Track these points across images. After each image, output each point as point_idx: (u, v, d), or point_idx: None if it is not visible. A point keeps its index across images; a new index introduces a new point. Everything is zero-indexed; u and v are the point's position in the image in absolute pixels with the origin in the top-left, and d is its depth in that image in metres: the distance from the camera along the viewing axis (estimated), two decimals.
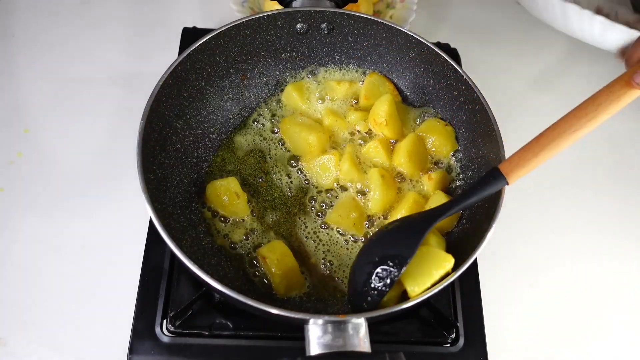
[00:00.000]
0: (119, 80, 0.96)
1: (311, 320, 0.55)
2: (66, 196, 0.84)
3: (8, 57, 0.98)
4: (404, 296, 0.65)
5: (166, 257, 0.75)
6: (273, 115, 0.84)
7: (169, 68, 0.71)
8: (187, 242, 0.69)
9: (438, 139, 0.79)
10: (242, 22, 0.77)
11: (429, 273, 0.62)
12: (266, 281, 0.71)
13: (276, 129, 0.83)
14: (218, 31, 0.76)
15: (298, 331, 0.57)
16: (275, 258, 0.70)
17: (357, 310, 0.63)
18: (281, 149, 0.82)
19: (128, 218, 0.82)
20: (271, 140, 0.83)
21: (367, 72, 0.86)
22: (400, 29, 0.79)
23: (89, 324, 0.74)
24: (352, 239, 0.75)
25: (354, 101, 0.84)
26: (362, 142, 0.80)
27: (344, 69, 0.86)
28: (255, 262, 0.72)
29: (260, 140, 0.82)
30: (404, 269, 0.61)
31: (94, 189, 0.85)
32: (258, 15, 0.78)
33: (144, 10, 1.07)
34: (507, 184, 0.64)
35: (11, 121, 0.90)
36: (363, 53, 0.85)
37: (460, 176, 0.78)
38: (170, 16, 1.06)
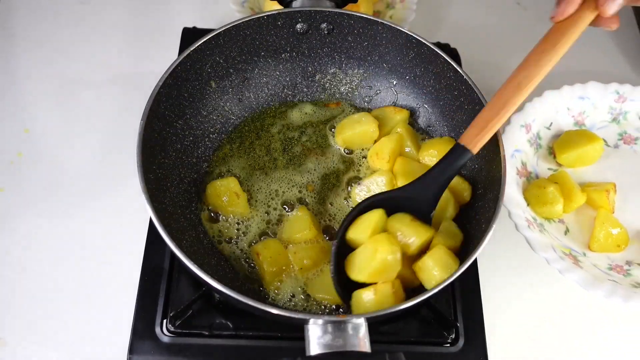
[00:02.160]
0: (119, 80, 0.96)
1: (311, 320, 0.55)
2: (66, 196, 0.84)
3: (8, 57, 0.98)
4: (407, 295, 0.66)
5: (166, 257, 0.75)
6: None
7: (169, 68, 0.71)
8: (187, 242, 0.69)
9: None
10: (242, 22, 0.77)
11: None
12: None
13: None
14: (218, 31, 0.76)
15: (298, 331, 0.57)
16: (268, 255, 0.70)
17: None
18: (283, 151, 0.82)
19: (128, 218, 0.82)
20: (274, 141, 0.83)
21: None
22: (400, 29, 0.79)
23: (89, 324, 0.74)
24: None
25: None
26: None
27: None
28: (252, 262, 0.72)
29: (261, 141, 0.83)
30: None
31: (94, 189, 0.85)
32: (258, 15, 0.78)
33: (144, 10, 1.07)
34: (472, 154, 0.66)
35: (11, 121, 0.90)
36: (363, 53, 0.85)
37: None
38: (170, 16, 1.07)
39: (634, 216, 0.84)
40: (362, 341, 0.55)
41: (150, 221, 0.78)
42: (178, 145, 0.76)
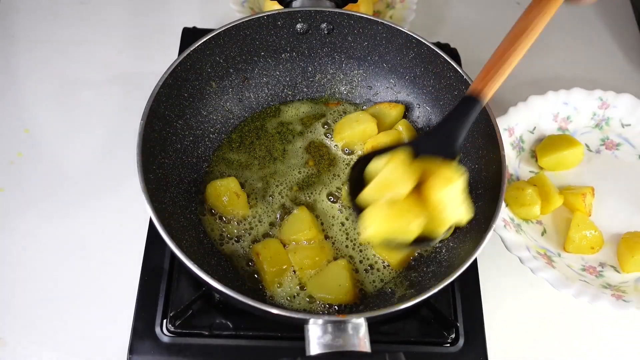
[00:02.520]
0: (119, 80, 0.96)
1: (311, 320, 0.55)
2: (66, 196, 0.84)
3: (8, 57, 0.98)
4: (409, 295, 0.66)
5: (166, 257, 0.75)
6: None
7: (169, 68, 0.71)
8: (187, 242, 0.69)
9: None
10: (242, 22, 0.77)
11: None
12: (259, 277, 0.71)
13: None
14: (218, 31, 0.76)
15: (298, 331, 0.57)
16: (268, 255, 0.70)
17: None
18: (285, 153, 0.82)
19: (128, 218, 0.82)
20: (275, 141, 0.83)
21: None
22: (400, 29, 0.79)
23: (89, 324, 0.75)
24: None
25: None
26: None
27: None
28: (252, 262, 0.72)
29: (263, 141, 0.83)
30: None
31: (94, 189, 0.85)
32: (258, 15, 0.78)
33: (144, 10, 1.07)
34: (481, 103, 0.64)
35: (11, 121, 0.90)
36: (363, 53, 0.85)
37: None
38: (170, 16, 1.07)
39: (610, 220, 0.86)
40: (362, 341, 0.55)
41: (150, 221, 0.78)
42: (178, 145, 0.76)
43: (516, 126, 0.90)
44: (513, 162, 0.89)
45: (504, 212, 0.81)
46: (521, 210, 0.82)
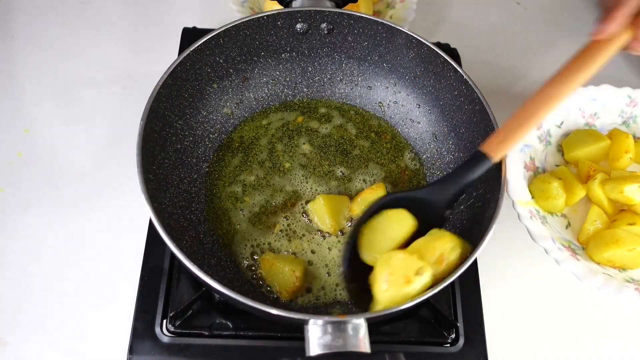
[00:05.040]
0: (119, 80, 0.96)
1: (311, 321, 0.55)
2: (66, 196, 0.84)
3: (8, 57, 0.98)
4: None
5: (166, 257, 0.75)
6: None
7: (169, 68, 0.71)
8: (187, 242, 0.69)
9: None
10: (242, 22, 0.77)
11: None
12: (265, 283, 0.71)
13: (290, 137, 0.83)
14: (218, 31, 0.76)
15: (298, 331, 0.57)
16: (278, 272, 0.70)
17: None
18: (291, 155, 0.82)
19: (128, 218, 0.82)
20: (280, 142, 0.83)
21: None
22: (400, 29, 0.79)
23: (89, 324, 0.74)
24: None
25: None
26: None
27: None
28: (254, 266, 0.72)
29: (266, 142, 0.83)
30: None
31: (94, 189, 0.85)
32: (258, 15, 0.78)
33: (144, 10, 1.07)
34: (492, 163, 0.66)
35: (11, 121, 0.90)
36: (363, 53, 0.85)
37: None
38: (170, 16, 1.06)
39: None
40: (362, 341, 0.55)
41: (150, 221, 0.78)
42: (178, 145, 0.76)
43: (544, 120, 0.89)
44: (540, 154, 0.89)
45: (530, 204, 0.81)
46: (547, 203, 0.82)
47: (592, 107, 0.93)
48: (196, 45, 0.74)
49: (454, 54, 0.96)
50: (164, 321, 0.70)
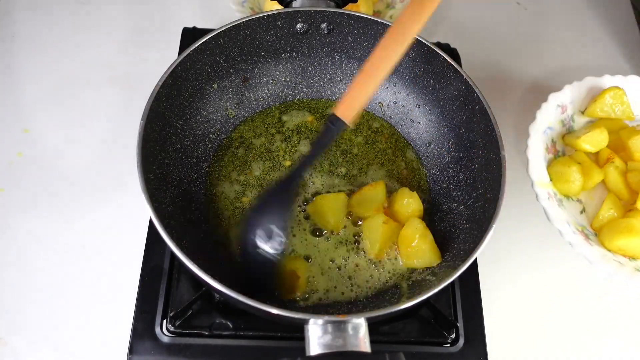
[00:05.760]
0: (119, 80, 0.96)
1: (311, 321, 0.55)
2: (66, 196, 0.84)
3: (8, 57, 0.98)
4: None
5: (166, 257, 0.75)
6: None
7: (169, 68, 0.71)
8: (187, 242, 0.69)
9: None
10: (242, 22, 0.77)
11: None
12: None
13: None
14: (218, 31, 0.76)
15: (298, 331, 0.57)
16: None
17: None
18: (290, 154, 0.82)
19: (128, 218, 0.82)
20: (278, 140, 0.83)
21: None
22: None
23: (89, 324, 0.75)
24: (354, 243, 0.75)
25: None
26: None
27: None
28: None
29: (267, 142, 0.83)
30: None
31: (94, 189, 0.85)
32: (258, 15, 0.78)
33: (144, 10, 1.07)
34: (347, 125, 0.67)
35: (11, 121, 0.90)
36: (363, 53, 0.85)
37: (461, 176, 0.78)
38: (170, 16, 1.06)
39: None
40: (362, 341, 0.55)
41: (150, 221, 0.78)
42: (178, 145, 0.76)
43: (569, 104, 0.90)
44: (561, 139, 0.90)
45: (548, 186, 0.82)
46: (564, 186, 0.82)
47: None
48: (196, 45, 0.74)
49: (454, 54, 0.96)
50: (164, 321, 0.70)
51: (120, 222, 0.82)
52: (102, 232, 0.81)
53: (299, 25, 0.81)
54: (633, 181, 0.83)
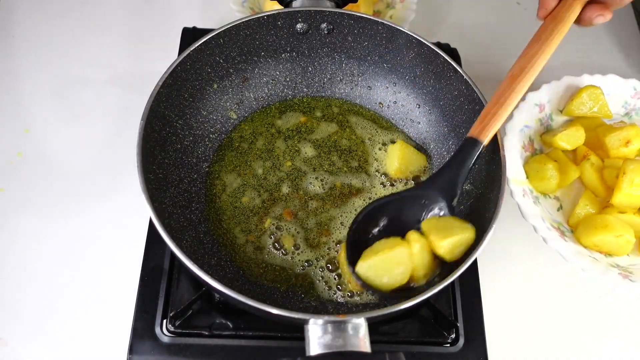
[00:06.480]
0: (119, 81, 0.96)
1: (311, 320, 0.55)
2: (66, 196, 0.84)
3: (8, 57, 0.98)
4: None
5: (166, 257, 0.75)
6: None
7: (169, 68, 0.72)
8: (187, 242, 0.69)
9: None
10: (242, 22, 0.77)
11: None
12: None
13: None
14: (218, 31, 0.76)
15: (298, 331, 0.57)
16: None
17: None
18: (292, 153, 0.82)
19: (128, 218, 0.82)
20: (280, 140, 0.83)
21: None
22: (400, 29, 0.79)
23: (89, 324, 0.75)
24: None
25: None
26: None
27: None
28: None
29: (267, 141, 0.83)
30: None
31: (94, 189, 0.85)
32: (258, 15, 0.78)
33: (144, 10, 1.07)
34: (483, 144, 0.68)
35: (11, 121, 0.90)
36: (363, 53, 0.85)
37: None
38: (170, 16, 1.06)
39: None
40: (362, 341, 0.55)
41: (150, 221, 0.78)
42: (178, 145, 0.76)
43: (547, 104, 0.90)
44: (538, 137, 0.90)
45: (524, 184, 0.82)
46: (540, 184, 0.83)
47: None
48: (196, 45, 0.74)
49: (454, 54, 0.96)
50: (164, 321, 0.70)
51: (120, 222, 0.82)
52: (102, 232, 0.81)
53: (299, 25, 0.81)
54: (609, 178, 0.83)
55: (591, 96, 0.89)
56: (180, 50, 0.91)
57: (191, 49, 0.74)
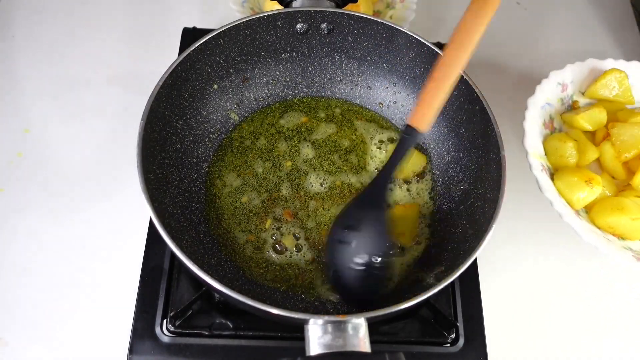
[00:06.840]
0: (119, 80, 0.96)
1: (311, 320, 0.55)
2: (66, 196, 0.84)
3: (8, 57, 0.98)
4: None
5: (166, 257, 0.75)
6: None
7: (169, 68, 0.71)
8: (187, 242, 0.69)
9: None
10: (242, 22, 0.77)
11: None
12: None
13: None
14: (218, 31, 0.76)
15: (298, 331, 0.57)
16: None
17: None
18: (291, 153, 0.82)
19: (128, 218, 0.82)
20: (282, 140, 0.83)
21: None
22: (400, 29, 0.79)
23: (89, 324, 0.75)
24: None
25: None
26: None
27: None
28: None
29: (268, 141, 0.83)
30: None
31: (94, 189, 0.85)
32: (258, 15, 0.78)
33: (144, 10, 1.07)
34: (423, 132, 0.68)
35: (11, 121, 0.90)
36: (363, 53, 0.85)
37: (460, 176, 0.78)
38: (170, 16, 1.07)
39: None
40: (362, 341, 0.55)
41: (150, 221, 0.78)
42: (178, 145, 0.76)
43: (570, 84, 0.90)
44: (559, 116, 0.90)
45: (542, 159, 0.82)
46: (559, 161, 0.83)
47: None
48: (196, 45, 0.74)
49: None
50: (164, 321, 0.70)
51: (120, 222, 0.82)
52: (102, 232, 0.81)
53: (299, 25, 0.81)
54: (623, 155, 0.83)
55: (616, 79, 0.89)
56: (180, 51, 0.91)
57: (191, 49, 0.74)
